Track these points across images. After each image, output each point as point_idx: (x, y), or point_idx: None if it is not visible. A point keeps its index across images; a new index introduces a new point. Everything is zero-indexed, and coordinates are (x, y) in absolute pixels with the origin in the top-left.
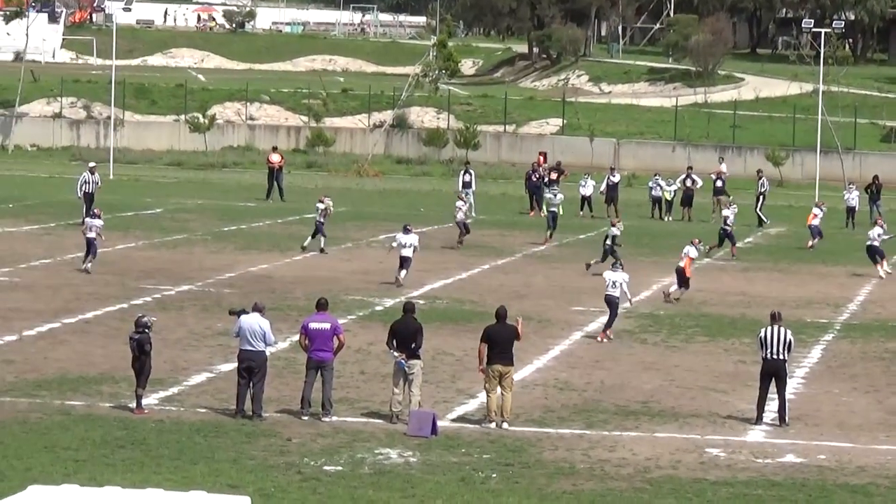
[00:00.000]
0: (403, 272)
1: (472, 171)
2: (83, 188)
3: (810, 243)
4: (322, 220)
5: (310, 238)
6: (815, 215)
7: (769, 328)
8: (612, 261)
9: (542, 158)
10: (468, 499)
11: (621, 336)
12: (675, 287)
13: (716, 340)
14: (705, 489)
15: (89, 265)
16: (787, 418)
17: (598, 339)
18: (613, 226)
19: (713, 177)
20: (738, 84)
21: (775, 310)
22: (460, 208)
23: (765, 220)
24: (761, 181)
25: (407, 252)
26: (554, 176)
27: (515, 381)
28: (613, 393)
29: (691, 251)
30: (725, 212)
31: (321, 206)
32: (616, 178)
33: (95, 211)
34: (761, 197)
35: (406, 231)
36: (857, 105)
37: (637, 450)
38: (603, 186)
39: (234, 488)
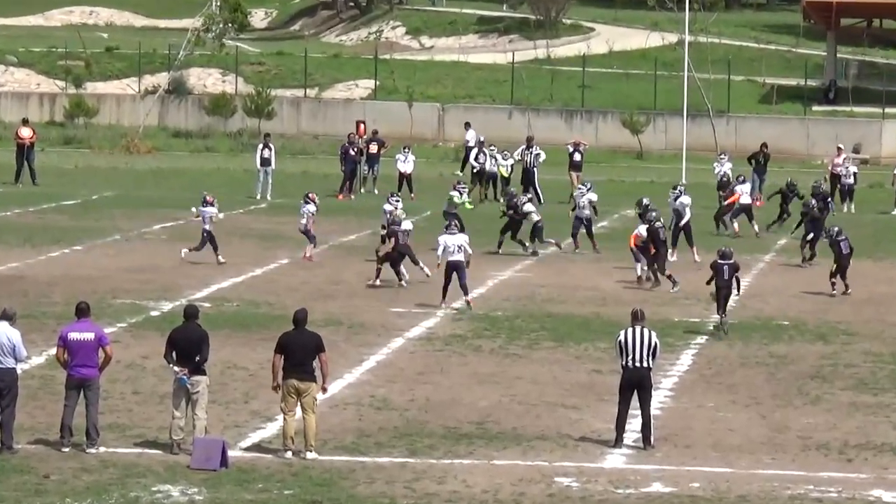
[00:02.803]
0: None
1: (272, 146)
2: None
3: (737, 227)
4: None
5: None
6: (740, 194)
7: (629, 330)
8: (447, 223)
9: (361, 127)
10: None
11: (450, 342)
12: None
13: (565, 346)
14: None
15: (220, 257)
16: (652, 439)
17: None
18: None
19: (570, 148)
20: (588, 35)
21: (637, 307)
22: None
23: (541, 198)
24: (534, 150)
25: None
26: (374, 149)
27: (322, 400)
28: (442, 412)
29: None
30: (576, 192)
31: (390, 208)
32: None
33: (208, 198)
34: (534, 170)
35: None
36: (731, 59)
37: (472, 480)
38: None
39: None
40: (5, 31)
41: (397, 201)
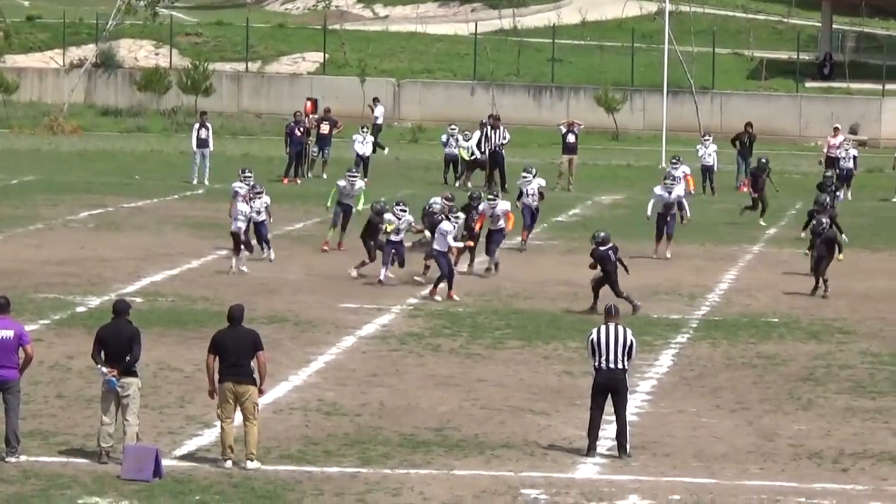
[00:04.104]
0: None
1: (209, 125)
2: None
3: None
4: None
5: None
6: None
7: (603, 328)
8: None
9: (309, 105)
10: None
11: (406, 341)
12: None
13: (532, 345)
14: None
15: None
16: (628, 447)
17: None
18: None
19: (562, 129)
20: (558, 4)
21: (611, 303)
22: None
23: (506, 184)
24: (500, 131)
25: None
26: (325, 129)
27: (266, 404)
28: (397, 417)
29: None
30: (519, 181)
31: (393, 219)
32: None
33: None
34: (503, 153)
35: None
36: (716, 30)
37: (430, 492)
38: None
39: None
40: None
41: (403, 211)
